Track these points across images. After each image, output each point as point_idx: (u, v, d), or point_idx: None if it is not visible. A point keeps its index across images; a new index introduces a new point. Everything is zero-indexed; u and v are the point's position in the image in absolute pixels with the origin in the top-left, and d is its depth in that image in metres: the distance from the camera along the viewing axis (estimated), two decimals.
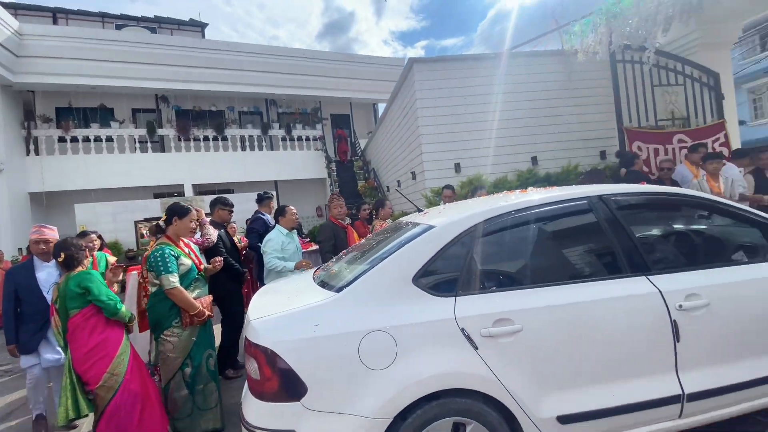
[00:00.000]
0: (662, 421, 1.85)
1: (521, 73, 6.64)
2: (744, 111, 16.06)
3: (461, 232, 1.89)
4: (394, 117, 8.21)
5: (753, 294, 2.00)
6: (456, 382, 1.66)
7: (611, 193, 2.12)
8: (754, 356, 1.97)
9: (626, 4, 4.96)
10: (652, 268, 1.95)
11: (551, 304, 1.80)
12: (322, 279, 2.13)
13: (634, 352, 1.85)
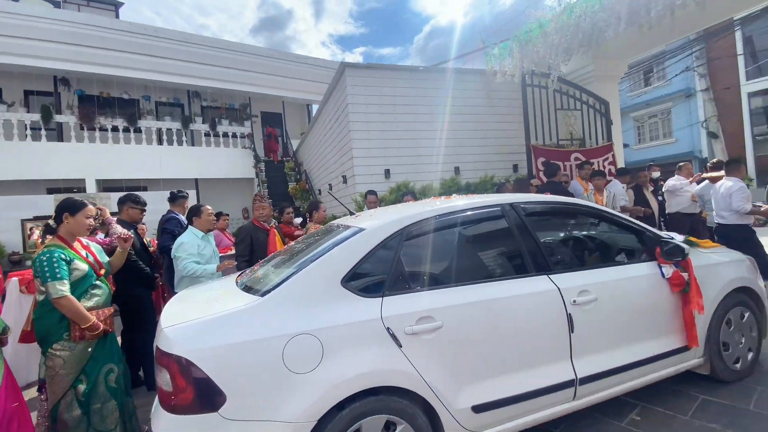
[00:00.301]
0: (560, 404, 2.09)
1: (448, 87, 7.06)
2: (630, 136, 18.85)
3: (390, 235, 1.97)
4: (326, 120, 8.19)
5: (631, 289, 2.37)
6: (380, 380, 1.72)
7: (520, 201, 2.38)
8: (632, 342, 2.32)
9: (535, 33, 5.57)
10: (552, 268, 2.21)
11: (468, 301, 1.95)
12: (246, 283, 2.07)
13: (536, 343, 2.07)
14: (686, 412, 2.36)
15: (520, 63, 5.94)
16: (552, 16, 5.41)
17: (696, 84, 16.46)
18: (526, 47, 5.82)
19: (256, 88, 13.28)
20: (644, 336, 2.36)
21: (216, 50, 12.44)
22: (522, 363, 2.02)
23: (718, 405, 2.40)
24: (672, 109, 17.74)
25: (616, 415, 2.37)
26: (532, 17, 5.75)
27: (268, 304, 1.71)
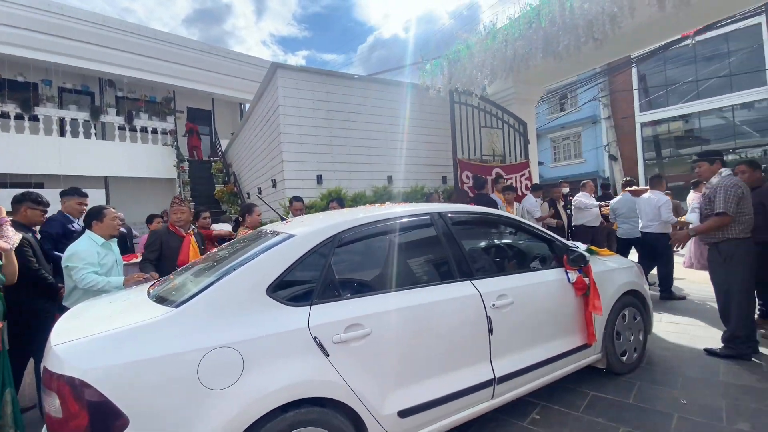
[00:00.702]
0: (480, 403, 2.17)
1: (383, 98, 7.19)
2: (547, 155, 20.80)
3: (321, 242, 1.93)
4: (257, 121, 7.86)
5: (542, 293, 2.57)
6: (305, 392, 1.65)
7: (447, 211, 2.49)
8: (543, 342, 2.51)
9: (463, 54, 5.90)
10: (474, 274, 2.32)
11: (397, 307, 1.96)
12: (160, 294, 1.90)
13: (459, 346, 2.14)
14: (578, 408, 2.58)
15: (449, 80, 6.24)
16: (478, 40, 5.77)
17: (601, 112, 18.70)
18: (455, 66, 6.13)
19: (182, 81, 12.35)
20: (553, 336, 2.57)
21: (135, 36, 11.36)
22: (446, 366, 2.07)
23: (605, 400, 2.66)
24: (582, 132, 19.97)
25: (519, 416, 2.52)
26: (462, 39, 6.10)
27: (182, 316, 1.58)
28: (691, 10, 4.54)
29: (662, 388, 2.76)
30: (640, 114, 19.13)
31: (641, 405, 2.57)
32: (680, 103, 18.43)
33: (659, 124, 19.11)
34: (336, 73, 6.89)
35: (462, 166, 6.39)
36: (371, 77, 7.43)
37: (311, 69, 6.60)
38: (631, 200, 5.38)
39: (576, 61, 6.59)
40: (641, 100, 19.25)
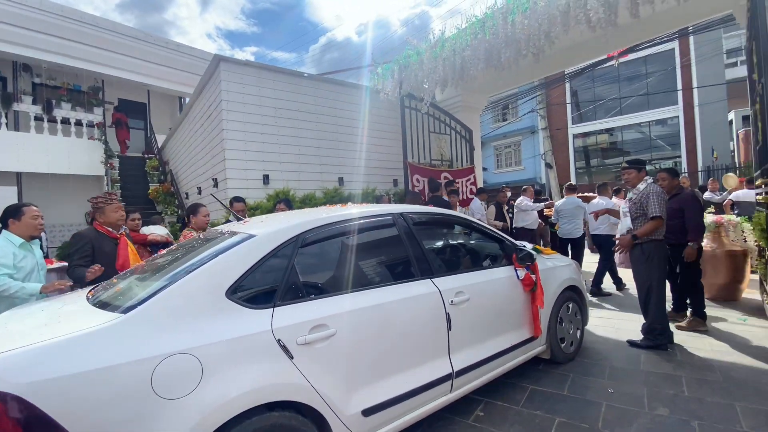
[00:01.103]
0: (439, 397, 2.23)
1: (334, 99, 7.09)
2: (491, 162, 21.89)
3: (284, 242, 1.88)
4: (197, 116, 7.39)
5: (495, 289, 2.71)
6: (269, 396, 1.59)
7: (408, 212, 2.55)
8: (496, 336, 2.64)
9: (414, 60, 6.00)
10: (434, 273, 2.38)
11: (360, 306, 1.96)
12: (102, 299, 1.77)
13: (420, 342, 2.19)
14: (519, 402, 2.69)
15: (400, 85, 6.31)
16: (427, 47, 5.90)
17: (538, 123, 20.04)
18: (405, 71, 6.22)
19: (112, 70, 11.29)
20: (504, 329, 2.72)
21: (56, 17, 10.18)
22: (407, 362, 2.10)
23: (542, 393, 2.80)
24: (521, 141, 21.27)
25: (464, 413, 2.57)
26: (412, 45, 6.20)
27: (132, 322, 1.46)
28: (617, 31, 5.00)
29: (592, 378, 2.97)
30: (572, 126, 20.84)
31: (574, 396, 2.74)
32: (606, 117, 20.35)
33: (588, 136, 20.94)
34: (284, 69, 6.67)
35: (412, 170, 6.49)
36: (322, 77, 7.30)
37: (257, 64, 6.34)
38: (574, 202, 5.80)
39: (516, 74, 6.99)
40: (573, 113, 20.97)
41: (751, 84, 3.86)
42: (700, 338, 3.63)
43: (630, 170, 3.53)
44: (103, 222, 3.04)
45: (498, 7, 5.01)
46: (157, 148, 11.97)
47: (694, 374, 2.94)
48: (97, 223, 3.05)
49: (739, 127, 16.07)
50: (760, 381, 2.75)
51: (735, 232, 4.92)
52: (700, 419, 2.34)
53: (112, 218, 3.07)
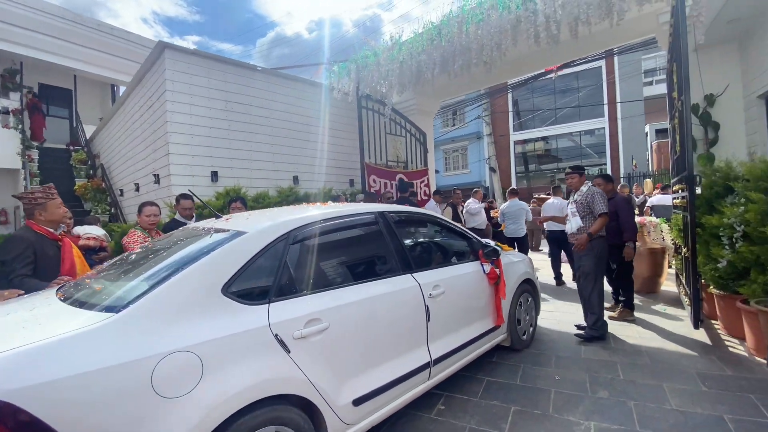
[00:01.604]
0: (419, 384, 2.36)
1: (289, 95, 6.90)
2: (440, 164, 22.59)
3: (276, 238, 1.90)
4: (136, 106, 6.80)
5: (465, 283, 2.90)
6: (269, 390, 1.63)
7: (388, 211, 2.68)
8: (466, 325, 2.83)
9: (371, 60, 6.03)
10: (414, 268, 2.51)
11: (350, 301, 2.04)
12: (80, 299, 1.68)
13: (403, 333, 2.31)
14: (476, 394, 2.81)
15: (357, 85, 6.30)
16: (384, 49, 5.96)
17: (483, 129, 21.06)
18: (362, 72, 6.23)
19: (32, 51, 10.01)
20: (473, 320, 2.92)
21: None
22: (392, 353, 2.21)
23: (497, 384, 2.95)
24: (468, 146, 22.22)
25: (426, 408, 2.62)
26: (369, 46, 6.23)
27: (128, 321, 1.41)
28: (558, 47, 5.42)
29: (541, 368, 3.18)
30: (514, 133, 22.22)
31: (526, 385, 2.92)
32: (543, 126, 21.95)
33: (527, 143, 22.44)
34: (236, 61, 6.37)
35: (369, 170, 6.51)
36: (277, 71, 7.07)
37: (206, 54, 5.99)
38: (518, 204, 6.18)
39: (468, 81, 7.30)
40: (514, 121, 22.35)
41: (671, 101, 4.39)
42: (629, 327, 4.04)
43: (573, 175, 3.87)
44: (44, 220, 2.59)
45: (453, 15, 5.20)
46: (84, 140, 10.81)
47: (627, 359, 3.26)
48: (33, 222, 2.58)
49: (653, 139, 18.18)
50: (681, 363, 3.13)
51: (655, 231, 5.55)
52: (635, 400, 2.61)
53: (57, 216, 2.65)
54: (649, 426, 2.31)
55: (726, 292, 3.47)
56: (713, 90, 4.62)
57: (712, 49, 4.57)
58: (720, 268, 3.35)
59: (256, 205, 5.76)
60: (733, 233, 3.21)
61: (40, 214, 2.59)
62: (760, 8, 3.86)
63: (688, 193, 3.54)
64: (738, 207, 3.20)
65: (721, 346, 3.41)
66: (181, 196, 3.94)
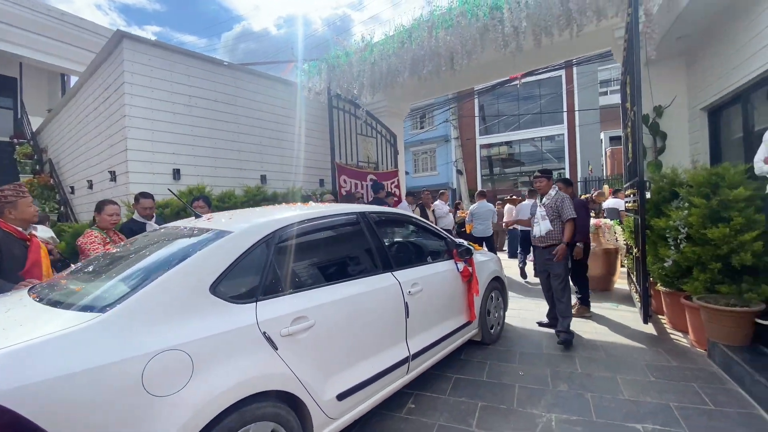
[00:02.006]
0: (399, 378, 2.44)
1: (257, 91, 6.73)
2: (410, 166, 22.83)
3: (262, 238, 1.92)
4: (90, 98, 6.39)
5: (441, 280, 3.02)
6: (258, 387, 1.65)
7: (369, 211, 2.77)
8: (442, 321, 2.95)
9: (343, 60, 6.00)
10: (394, 266, 2.60)
11: (335, 298, 2.10)
12: (58, 299, 1.64)
13: (384, 329, 2.38)
14: (445, 391, 2.87)
15: (328, 84, 6.25)
16: (356, 50, 5.96)
17: (451, 133, 21.51)
18: (334, 71, 6.18)
19: None
20: (448, 316, 3.05)
21: None
22: (374, 348, 2.28)
23: (465, 380, 3.03)
24: (436, 149, 22.61)
25: (397, 408, 2.65)
26: (341, 45, 6.19)
27: (117, 320, 1.41)
28: (522, 56, 5.65)
29: (506, 364, 3.30)
30: (480, 137, 22.88)
31: (492, 381, 3.02)
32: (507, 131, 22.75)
33: (492, 147, 23.18)
34: (201, 55, 6.13)
35: (340, 170, 6.47)
36: (245, 67, 6.87)
37: (169, 46, 5.72)
38: (486, 206, 6.42)
39: (438, 85, 7.45)
40: (480, 125, 23.01)
41: (624, 111, 4.70)
42: (585, 322, 4.28)
43: (541, 179, 3.88)
44: (14, 219, 2.49)
45: (424, 20, 5.28)
46: (30, 132, 10.01)
47: (585, 353, 3.45)
48: (2, 221, 2.47)
49: (607, 145, 19.32)
50: (632, 356, 3.36)
51: (609, 233, 5.91)
52: (592, 391, 2.77)
53: (27, 214, 2.54)
54: (604, 416, 2.46)
55: (671, 289, 3.75)
56: (662, 102, 4.98)
57: (662, 64, 4.94)
58: (666, 267, 3.61)
59: (222, 204, 5.57)
60: (678, 235, 3.48)
61: (10, 213, 2.49)
62: (705, 27, 4.21)
63: (639, 198, 3.80)
64: (682, 211, 3.47)
65: (667, 339, 3.69)
66: (141, 195, 3.74)
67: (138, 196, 3.75)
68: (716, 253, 3.20)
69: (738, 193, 3.13)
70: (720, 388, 2.73)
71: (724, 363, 2.97)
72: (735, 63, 3.84)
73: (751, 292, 3.07)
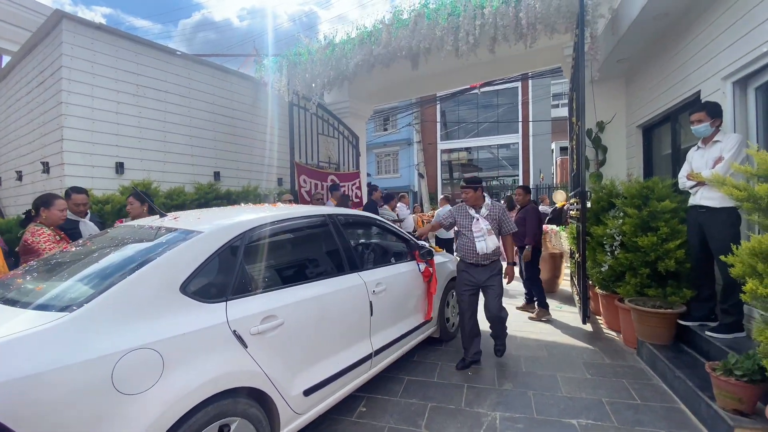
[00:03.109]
0: (363, 374, 2.56)
1: (213, 84, 6.45)
2: (372, 167, 22.89)
3: (232, 238, 1.95)
4: (23, 81, 5.81)
5: (403, 280, 3.14)
6: (228, 383, 1.69)
7: (336, 213, 2.86)
8: (403, 319, 3.09)
9: (304, 58, 5.90)
10: (360, 267, 2.72)
11: (304, 298, 2.17)
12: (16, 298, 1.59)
13: (350, 327, 2.48)
14: (397, 393, 2.91)
15: (289, 82, 6.13)
16: (318, 48, 5.88)
17: (414, 136, 21.85)
18: (294, 69, 6.06)
19: None
20: (409, 314, 3.18)
21: None
22: (340, 345, 2.38)
23: (416, 382, 3.08)
24: (399, 151, 22.86)
25: (348, 412, 2.65)
26: (303, 42, 6.08)
27: (87, 318, 1.40)
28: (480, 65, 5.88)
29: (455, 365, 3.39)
30: (441, 142, 23.41)
31: (442, 381, 3.10)
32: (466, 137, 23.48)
33: (452, 152, 23.80)
34: (152, 43, 5.77)
35: (299, 170, 6.35)
36: (200, 58, 6.56)
37: (116, 31, 5.34)
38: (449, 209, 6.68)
39: (399, 88, 7.55)
40: (442, 131, 23.56)
41: (570, 125, 5.01)
42: (530, 323, 4.50)
43: (467, 189, 3.36)
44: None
45: (386, 22, 5.32)
46: None
47: (529, 353, 3.64)
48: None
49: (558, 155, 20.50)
50: (571, 354, 3.58)
51: (555, 238, 6.27)
52: (534, 390, 2.92)
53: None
54: (544, 412, 2.60)
55: (607, 291, 4.05)
56: (604, 117, 5.37)
57: (605, 83, 5.32)
58: (603, 271, 3.90)
59: (170, 202, 5.28)
60: (613, 242, 3.77)
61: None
62: (642, 51, 4.59)
63: (580, 206, 4.07)
64: (618, 220, 3.77)
65: (603, 338, 3.98)
66: (72, 190, 3.45)
67: (69, 191, 3.45)
68: (645, 260, 3.50)
69: (665, 205, 3.45)
70: (646, 383, 2.98)
71: (650, 360, 3.24)
72: (666, 86, 4.23)
73: (674, 295, 3.38)
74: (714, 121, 2.92)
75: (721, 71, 3.23)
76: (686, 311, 3.25)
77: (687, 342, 3.22)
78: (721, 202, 2.76)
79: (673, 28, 3.98)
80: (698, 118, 2.97)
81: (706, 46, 3.47)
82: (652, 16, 3.77)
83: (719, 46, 3.27)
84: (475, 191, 3.35)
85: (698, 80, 3.61)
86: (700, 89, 3.59)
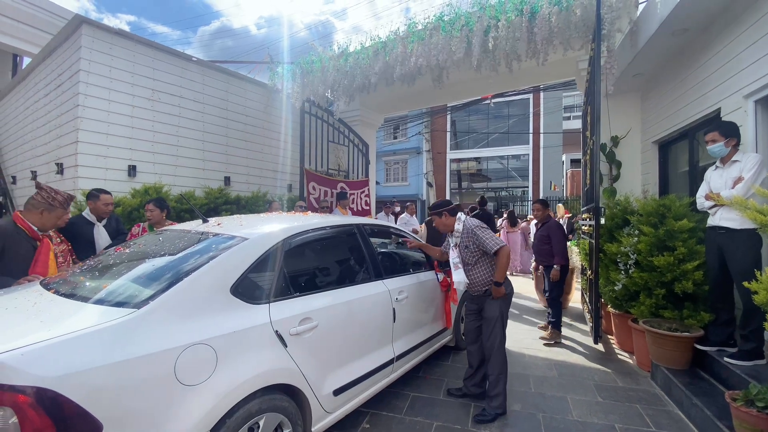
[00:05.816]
0: (384, 378, 2.69)
1: (227, 90, 6.52)
2: (381, 175, 22.91)
3: (274, 244, 2.10)
4: (42, 83, 5.94)
5: (423, 289, 3.23)
6: (271, 380, 1.84)
7: (362, 223, 3.02)
8: (423, 326, 3.20)
9: (317, 66, 5.94)
10: (384, 275, 2.84)
11: (336, 302, 2.32)
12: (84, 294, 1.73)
13: (374, 333, 2.60)
14: (401, 410, 2.83)
15: (301, 89, 6.16)
16: (331, 57, 5.92)
17: (423, 145, 21.86)
18: (307, 76, 6.10)
19: None
20: (428, 322, 3.29)
21: None
22: (365, 349, 2.51)
23: (422, 399, 3.01)
24: (408, 160, 22.86)
25: (351, 428, 2.58)
26: (316, 50, 6.13)
27: (151, 316, 1.55)
28: (495, 78, 5.84)
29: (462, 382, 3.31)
30: (450, 152, 23.38)
31: (448, 399, 3.02)
32: (476, 147, 23.41)
33: (461, 161, 23.74)
34: (168, 49, 5.86)
35: (309, 177, 6.35)
36: (215, 65, 6.64)
37: (133, 36, 5.43)
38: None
39: (412, 98, 7.54)
40: (452, 140, 23.54)
41: (584, 139, 4.94)
42: (540, 341, 4.39)
43: (433, 215, 2.96)
44: (40, 219, 2.55)
45: (400, 34, 5.34)
46: None
47: (539, 372, 3.53)
48: (21, 216, 2.51)
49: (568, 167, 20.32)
50: (582, 375, 3.47)
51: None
52: (543, 411, 2.83)
53: (51, 223, 2.61)
54: None
55: (620, 311, 3.93)
56: (619, 132, 5.29)
57: (620, 97, 5.25)
58: (616, 290, 3.79)
59: (179, 206, 5.31)
60: (627, 260, 3.67)
61: (42, 213, 2.55)
62: (659, 67, 4.53)
63: (594, 223, 3.98)
64: (633, 237, 3.67)
65: (615, 360, 3.86)
66: (99, 191, 3.51)
67: (95, 192, 3.50)
68: (661, 280, 3.39)
69: (682, 224, 3.35)
70: (661, 410, 2.86)
71: (665, 385, 3.13)
72: (684, 102, 4.14)
73: (691, 318, 3.26)
74: (729, 140, 2.83)
75: (743, 89, 3.15)
76: (704, 335, 3.13)
77: (704, 367, 3.10)
78: (742, 223, 2.67)
79: (692, 43, 3.91)
80: (712, 138, 2.89)
81: (726, 63, 3.40)
82: (671, 31, 3.71)
83: (741, 63, 3.20)
84: (439, 217, 2.90)
85: (718, 97, 3.52)
86: (720, 107, 3.50)
